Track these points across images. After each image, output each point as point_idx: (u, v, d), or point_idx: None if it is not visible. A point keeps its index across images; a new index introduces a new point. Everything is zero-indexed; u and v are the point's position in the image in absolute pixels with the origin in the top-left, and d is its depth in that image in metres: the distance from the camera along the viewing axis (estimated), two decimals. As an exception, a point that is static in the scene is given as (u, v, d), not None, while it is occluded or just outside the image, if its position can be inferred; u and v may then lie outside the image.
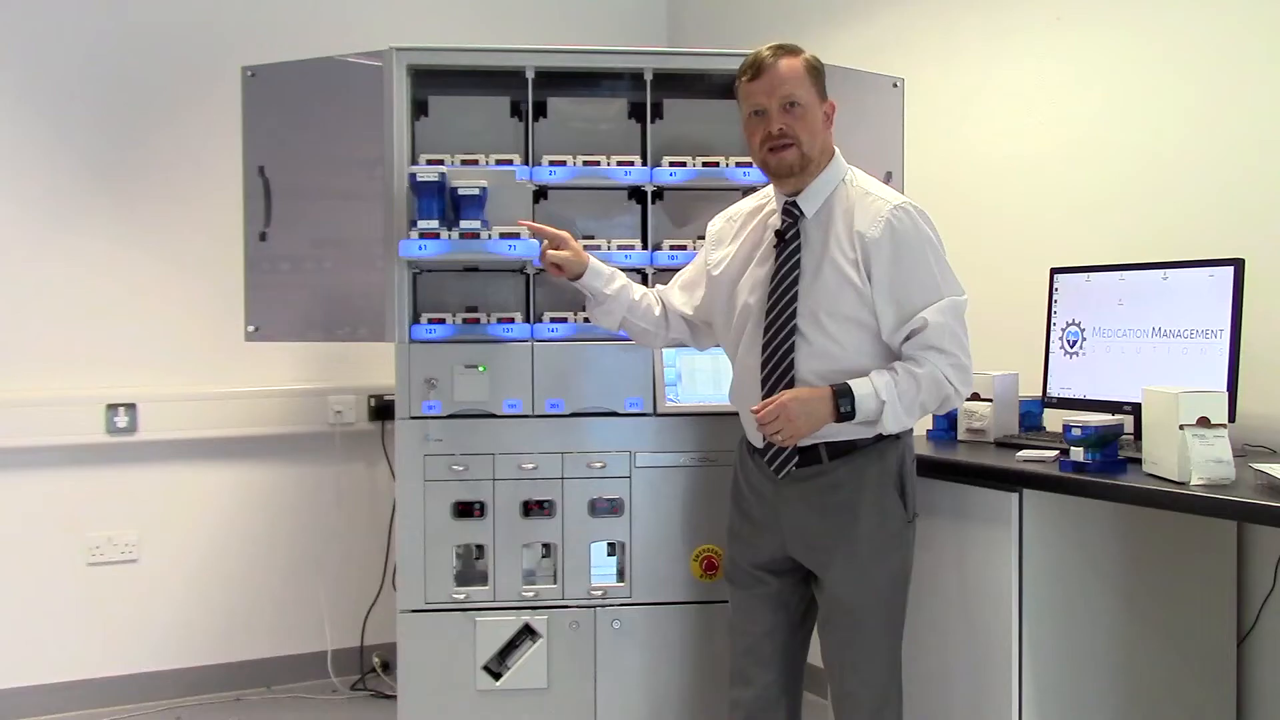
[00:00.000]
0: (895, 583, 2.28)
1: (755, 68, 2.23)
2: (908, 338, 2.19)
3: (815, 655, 2.37)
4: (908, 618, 2.33)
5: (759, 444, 2.31)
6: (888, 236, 2.18)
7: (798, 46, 2.26)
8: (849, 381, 2.16)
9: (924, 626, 2.51)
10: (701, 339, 2.56)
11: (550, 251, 2.43)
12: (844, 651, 2.28)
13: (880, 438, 2.24)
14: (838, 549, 2.25)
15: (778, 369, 2.22)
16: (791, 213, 2.27)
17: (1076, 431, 2.24)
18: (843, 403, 2.14)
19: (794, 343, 2.22)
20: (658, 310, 2.51)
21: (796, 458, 2.26)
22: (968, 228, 3.15)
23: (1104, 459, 2.23)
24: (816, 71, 2.25)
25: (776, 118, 2.21)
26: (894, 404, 2.15)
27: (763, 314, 2.26)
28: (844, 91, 2.35)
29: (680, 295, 2.52)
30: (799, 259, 2.24)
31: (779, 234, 2.27)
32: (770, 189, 2.37)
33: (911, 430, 2.32)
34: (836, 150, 2.30)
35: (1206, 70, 2.65)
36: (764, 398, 2.20)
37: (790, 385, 2.21)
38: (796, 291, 2.22)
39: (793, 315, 2.22)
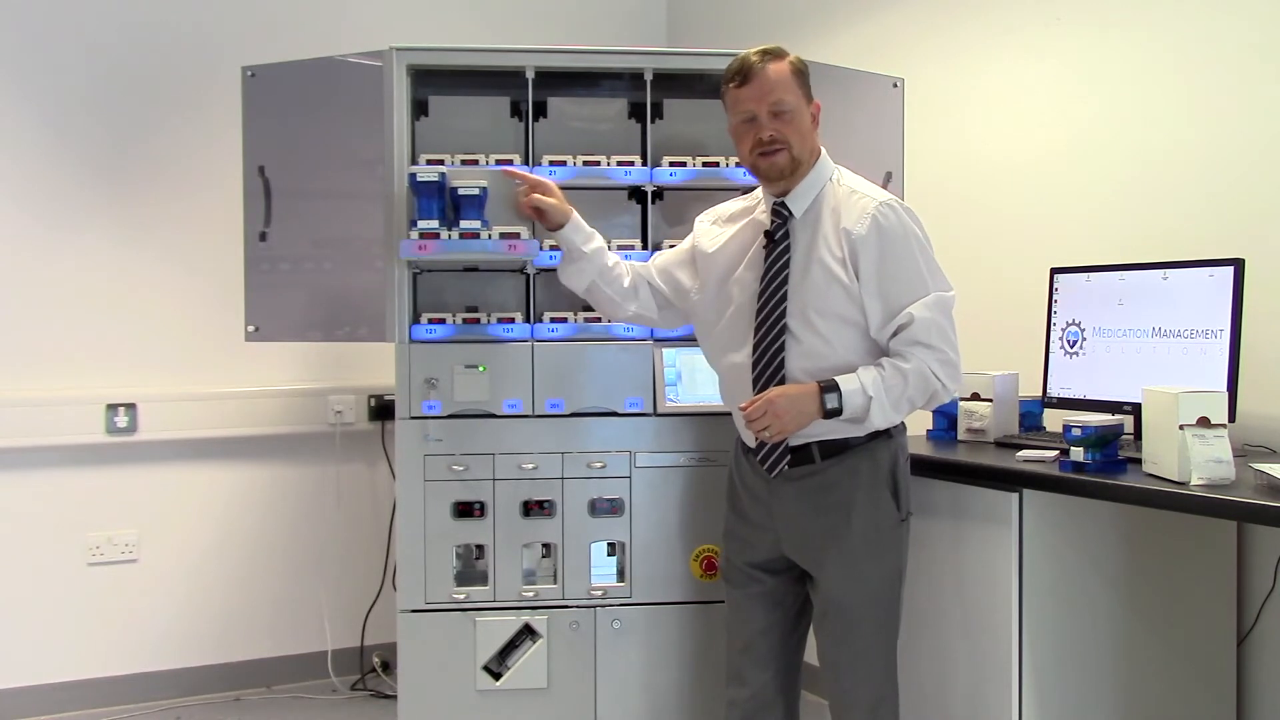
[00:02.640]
0: (889, 581, 2.28)
1: (743, 74, 2.23)
2: (895, 334, 2.19)
3: (814, 654, 2.37)
4: (908, 618, 2.33)
5: (752, 443, 2.31)
6: (874, 233, 2.18)
7: (782, 49, 2.26)
8: (836, 378, 2.16)
9: (924, 626, 2.51)
10: (669, 318, 2.56)
11: (534, 195, 2.44)
12: (839, 650, 2.28)
13: (872, 437, 2.24)
14: (831, 548, 2.25)
15: (768, 368, 2.23)
16: (780, 213, 2.28)
17: (1076, 431, 2.24)
18: (829, 398, 2.15)
19: (784, 341, 2.22)
20: (626, 281, 2.51)
21: (789, 456, 2.26)
22: (968, 228, 3.15)
23: (1104, 459, 2.23)
24: (802, 74, 2.26)
25: (767, 124, 2.22)
26: (880, 399, 2.16)
27: (753, 313, 2.26)
28: (844, 91, 2.35)
29: (659, 272, 2.53)
30: (788, 258, 2.25)
31: (768, 234, 2.28)
32: (759, 190, 2.38)
33: (905, 429, 2.32)
34: (823, 150, 2.31)
35: (1206, 70, 2.65)
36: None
37: (781, 384, 2.21)
38: (786, 290, 2.23)
39: (782, 314, 2.22)
